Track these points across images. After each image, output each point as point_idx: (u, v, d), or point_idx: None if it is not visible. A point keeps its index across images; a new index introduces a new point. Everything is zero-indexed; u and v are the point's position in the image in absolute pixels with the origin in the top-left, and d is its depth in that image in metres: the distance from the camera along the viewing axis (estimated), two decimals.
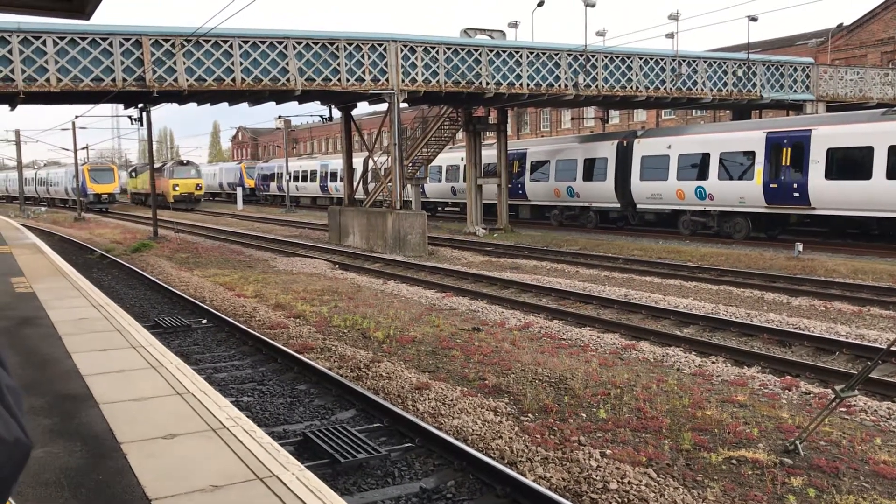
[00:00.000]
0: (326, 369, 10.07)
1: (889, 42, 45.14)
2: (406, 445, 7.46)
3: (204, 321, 14.23)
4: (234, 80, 22.93)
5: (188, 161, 62.69)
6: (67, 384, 6.76)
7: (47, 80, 20.90)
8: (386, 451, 7.19)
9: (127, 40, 21.74)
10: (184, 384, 6.80)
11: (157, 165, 59.94)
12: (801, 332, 12.08)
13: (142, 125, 29.41)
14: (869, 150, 21.73)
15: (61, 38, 20.94)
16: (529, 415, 8.25)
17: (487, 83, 26.58)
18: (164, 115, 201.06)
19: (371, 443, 7.29)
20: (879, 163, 21.45)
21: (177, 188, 58.54)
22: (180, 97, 24.58)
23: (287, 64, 23.57)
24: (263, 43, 23.25)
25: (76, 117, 49.81)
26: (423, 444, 7.43)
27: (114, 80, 21.67)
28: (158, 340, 8.99)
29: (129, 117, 29.65)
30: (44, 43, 20.76)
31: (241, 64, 22.94)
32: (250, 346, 12.10)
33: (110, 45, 21.52)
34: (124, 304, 15.55)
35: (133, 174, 70.88)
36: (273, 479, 4.62)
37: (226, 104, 27.80)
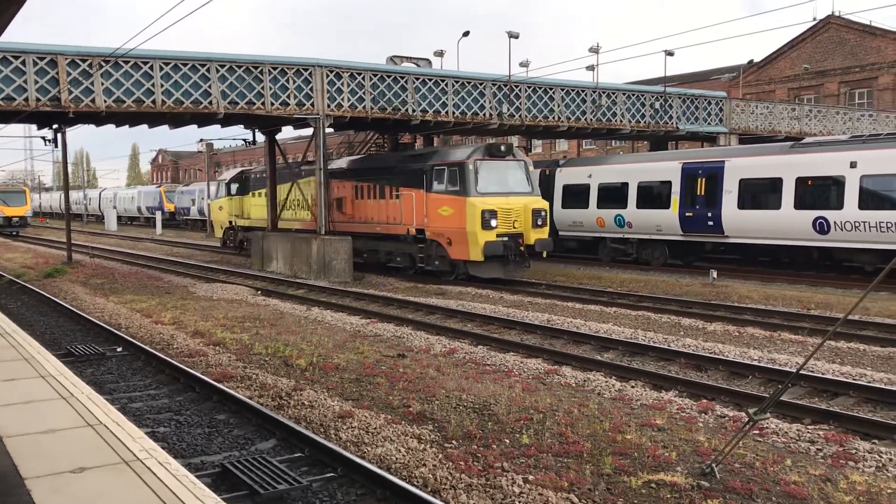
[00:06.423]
0: (246, 398, 9.85)
1: (795, 79, 47.54)
2: (328, 475, 7.35)
3: (119, 349, 13.76)
4: (154, 101, 22.41)
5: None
6: None
7: None
8: (307, 482, 7.06)
9: (41, 59, 21.03)
10: (96, 415, 6.53)
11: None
12: (716, 356, 12.43)
13: (56, 146, 28.43)
14: (778, 182, 22.67)
15: None
16: (453, 441, 8.23)
17: (413, 110, 26.73)
18: (81, 136, 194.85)
19: (292, 473, 7.14)
20: (788, 193, 22.38)
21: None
22: (98, 118, 23.87)
23: (210, 87, 23.19)
24: (185, 65, 22.83)
25: None
26: (345, 474, 7.33)
27: (26, 99, 20.91)
28: (70, 369, 8.63)
29: (44, 138, 28.58)
30: None
31: (162, 86, 22.45)
32: (167, 375, 11.73)
33: (23, 63, 20.77)
34: (34, 332, 14.92)
35: (233, 189, 37.29)
36: None
37: (145, 126, 27.12)
